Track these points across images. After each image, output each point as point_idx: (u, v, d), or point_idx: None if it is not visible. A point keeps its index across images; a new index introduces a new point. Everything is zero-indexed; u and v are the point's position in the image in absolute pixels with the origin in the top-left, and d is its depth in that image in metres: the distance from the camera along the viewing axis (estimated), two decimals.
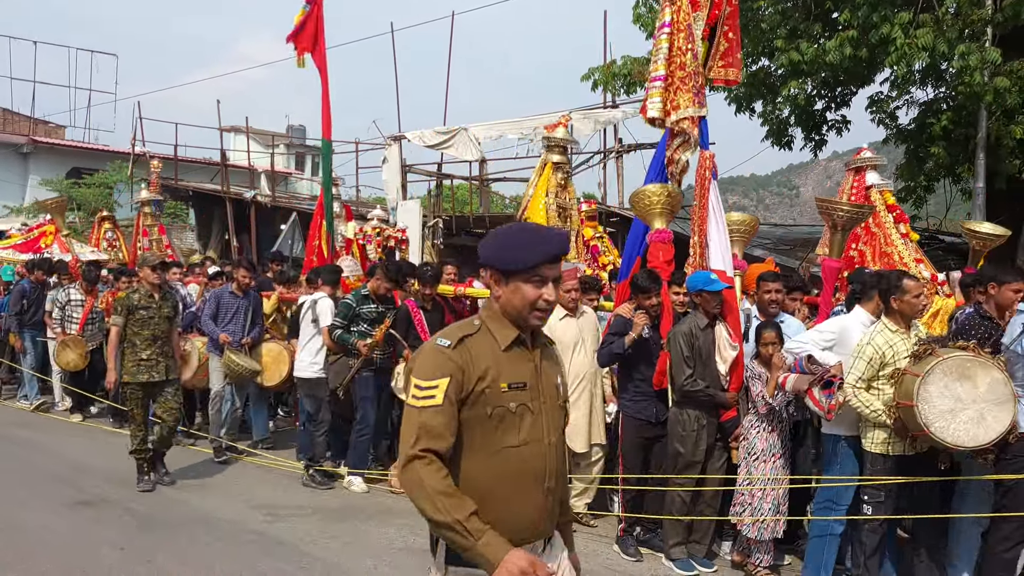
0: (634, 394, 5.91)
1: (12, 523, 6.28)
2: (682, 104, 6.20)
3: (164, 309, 7.36)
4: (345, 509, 6.84)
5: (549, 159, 7.72)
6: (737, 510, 5.46)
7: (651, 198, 6.32)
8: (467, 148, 14.47)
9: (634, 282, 5.98)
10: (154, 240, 13.50)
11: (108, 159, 26.76)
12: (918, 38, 8.98)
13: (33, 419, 10.52)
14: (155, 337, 7.24)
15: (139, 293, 7.31)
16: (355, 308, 7.53)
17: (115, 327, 7.29)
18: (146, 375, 7.17)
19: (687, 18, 6.29)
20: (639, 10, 12.09)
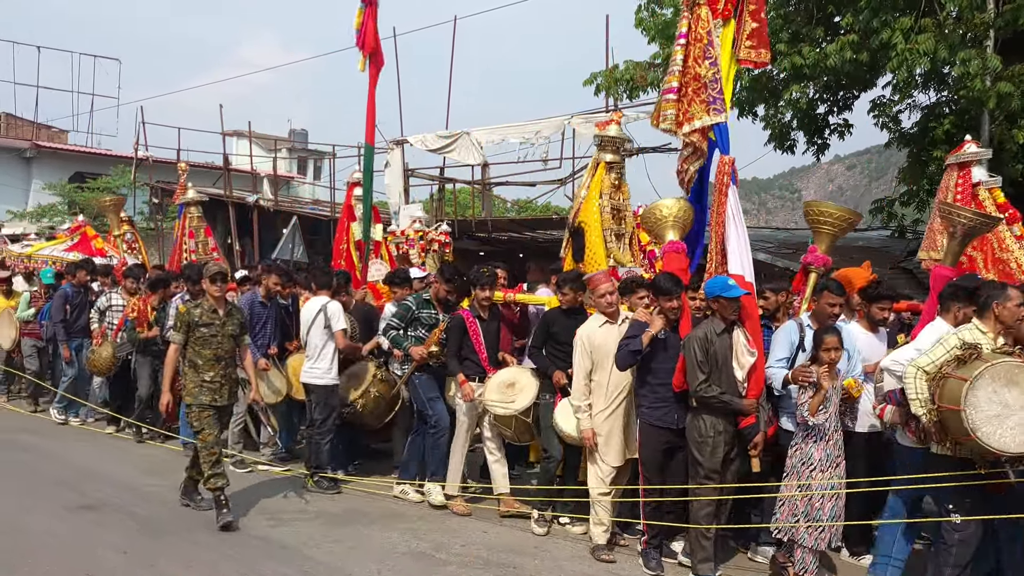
0: (653, 400, 5.75)
1: (16, 526, 6.29)
2: (695, 115, 6.16)
3: (228, 327, 6.66)
4: (348, 513, 6.84)
5: (601, 158, 7.35)
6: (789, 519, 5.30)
7: (663, 211, 6.32)
8: (469, 152, 14.46)
9: (655, 284, 5.89)
10: (200, 242, 12.80)
11: (111, 164, 26.80)
12: (919, 43, 8.98)
13: (37, 424, 10.54)
14: (218, 358, 6.57)
15: (201, 308, 6.59)
16: (414, 312, 7.31)
17: (174, 344, 6.58)
18: (210, 396, 6.54)
19: (706, 26, 6.22)
20: (641, 15, 12.11)
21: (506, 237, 16.60)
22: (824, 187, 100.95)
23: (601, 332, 6.02)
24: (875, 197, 15.14)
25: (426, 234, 11.10)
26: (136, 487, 7.52)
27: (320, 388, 7.51)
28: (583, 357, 5.99)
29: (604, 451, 5.97)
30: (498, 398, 6.70)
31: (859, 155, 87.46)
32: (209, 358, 6.55)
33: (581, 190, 7.47)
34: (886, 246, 13.26)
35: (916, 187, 11.94)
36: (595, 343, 5.97)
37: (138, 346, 9.48)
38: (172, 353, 6.61)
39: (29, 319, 11.20)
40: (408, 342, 7.24)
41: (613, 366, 5.90)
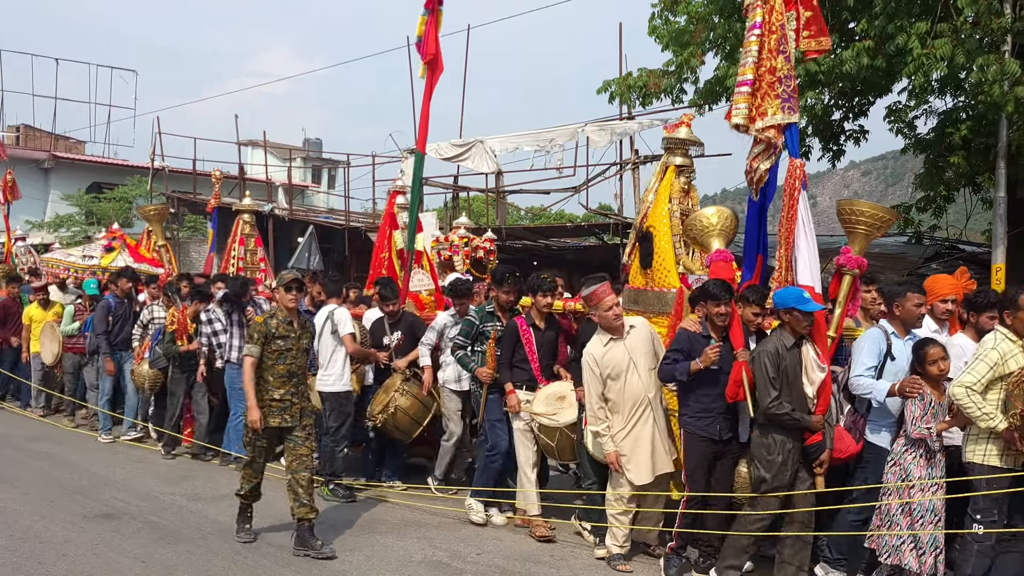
0: (697, 411, 5.55)
1: (34, 534, 6.32)
2: (769, 111, 5.90)
3: (303, 339, 6.20)
4: (364, 522, 6.83)
5: (670, 162, 7.03)
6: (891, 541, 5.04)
7: (708, 219, 6.17)
8: (483, 160, 14.52)
9: (704, 290, 5.66)
10: (249, 251, 12.43)
11: (128, 174, 27.03)
12: (936, 48, 8.93)
13: (55, 432, 10.60)
14: (291, 373, 6.07)
15: (276, 319, 6.08)
16: (479, 326, 7.02)
17: (250, 358, 6.04)
18: (277, 419, 6.02)
19: (780, 18, 5.95)
20: (655, 22, 12.09)
21: (520, 245, 16.61)
22: (839, 193, 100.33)
23: (608, 351, 5.84)
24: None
25: (471, 240, 10.91)
26: (154, 496, 7.54)
27: (332, 395, 7.50)
28: (592, 379, 5.83)
29: (628, 469, 5.77)
30: (545, 410, 6.52)
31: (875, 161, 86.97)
32: (281, 374, 6.04)
33: (648, 194, 7.18)
34: (903, 252, 13.18)
35: (933, 193, 11.86)
36: (603, 363, 5.81)
37: (175, 360, 9.07)
38: (249, 369, 6.01)
39: (73, 333, 10.82)
40: (475, 362, 6.97)
41: (627, 381, 5.78)
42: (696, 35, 11.41)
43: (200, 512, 7.05)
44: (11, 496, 7.43)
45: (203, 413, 9.05)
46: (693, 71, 11.68)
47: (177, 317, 9.02)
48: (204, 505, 7.26)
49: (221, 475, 8.40)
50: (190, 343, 8.89)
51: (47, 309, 11.44)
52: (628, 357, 5.81)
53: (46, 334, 11.16)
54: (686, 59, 11.51)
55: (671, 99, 12.13)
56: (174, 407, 9.14)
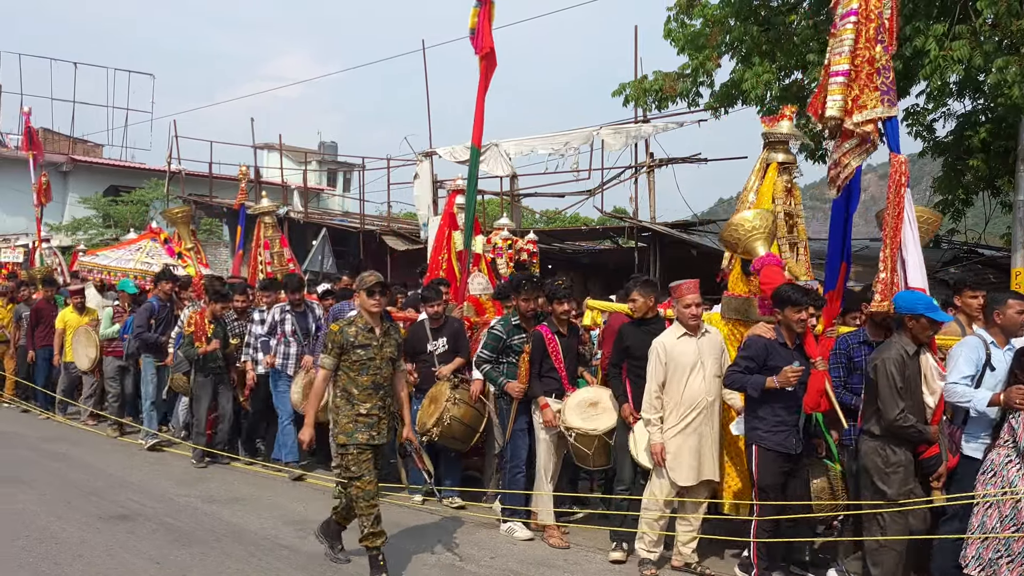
0: (773, 424, 5.30)
1: (50, 535, 6.35)
2: (868, 104, 5.58)
3: (387, 348, 5.60)
4: None
5: (772, 158, 6.60)
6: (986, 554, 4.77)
7: (752, 222, 5.94)
8: (498, 163, 14.50)
9: (782, 294, 5.38)
10: (275, 253, 12.18)
11: (145, 177, 27.20)
12: (954, 50, 8.85)
13: (71, 433, 10.67)
14: (376, 386, 5.53)
15: (355, 326, 5.54)
16: (505, 340, 6.82)
17: (324, 370, 5.55)
18: (365, 434, 5.48)
19: (878, 5, 5.62)
20: (670, 25, 12.05)
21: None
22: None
23: (679, 344, 5.72)
24: None
25: (515, 242, 10.63)
26: (169, 497, 7.58)
27: None
28: (657, 367, 5.71)
29: (671, 467, 5.66)
30: (579, 417, 6.37)
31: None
32: (366, 386, 5.50)
33: (747, 194, 6.73)
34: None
35: (951, 196, 11.77)
36: (672, 354, 5.68)
37: (196, 363, 8.90)
38: (321, 382, 5.60)
39: (113, 336, 10.45)
40: (503, 376, 6.78)
41: (689, 381, 5.65)
42: (712, 38, 11.36)
43: (214, 514, 7.06)
44: (28, 497, 7.47)
45: (225, 417, 8.95)
46: (709, 74, 11.64)
47: (195, 319, 8.89)
48: (219, 507, 7.28)
49: (236, 477, 8.43)
50: (208, 344, 8.76)
51: (83, 314, 11.17)
52: (697, 356, 5.69)
53: (80, 339, 10.81)
54: (702, 62, 11.47)
55: (687, 102, 12.08)
56: (200, 412, 8.93)
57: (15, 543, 6.14)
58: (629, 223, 14.11)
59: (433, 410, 7.15)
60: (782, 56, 10.71)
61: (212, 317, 8.94)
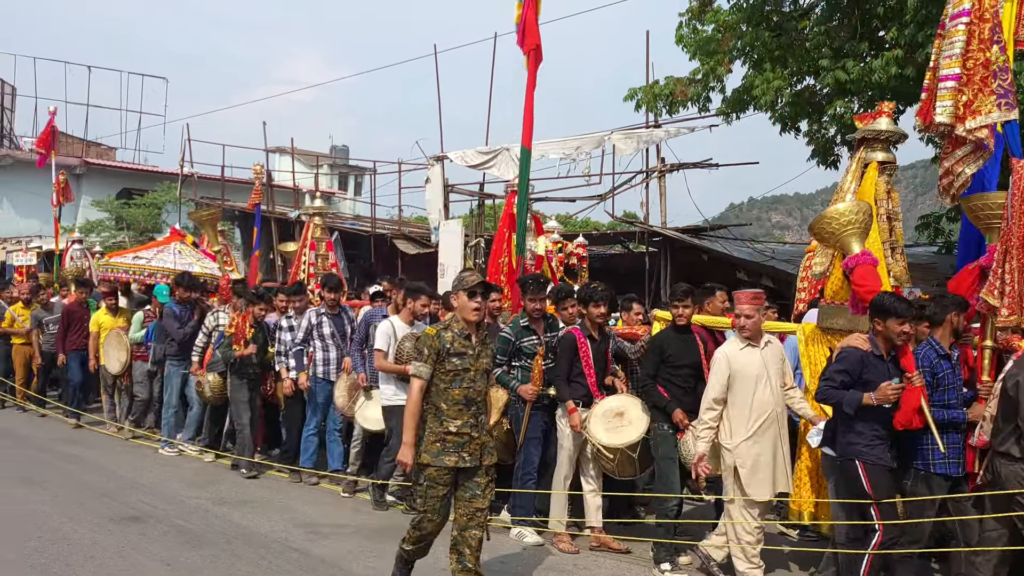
0: (871, 438, 5.03)
1: (62, 536, 6.39)
2: (983, 108, 5.30)
3: (483, 359, 5.02)
4: (387, 528, 6.84)
5: (870, 158, 6.24)
6: None
7: (847, 215, 5.64)
8: (509, 167, 14.52)
9: (882, 304, 5.10)
10: (320, 255, 11.78)
11: (157, 180, 27.34)
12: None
13: (82, 435, 10.71)
14: (468, 400, 4.91)
15: (451, 332, 4.94)
16: (514, 342, 6.68)
17: (418, 380, 4.87)
18: (454, 457, 4.84)
19: (993, 4, 5.36)
20: (682, 31, 12.07)
21: None
22: None
23: (743, 354, 5.57)
24: (921, 212, 14.88)
25: (564, 246, 10.28)
26: (180, 499, 7.61)
27: (387, 409, 7.31)
28: (722, 377, 5.53)
29: (749, 483, 5.47)
30: (604, 427, 6.25)
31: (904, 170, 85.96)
32: (457, 400, 4.88)
33: (844, 195, 6.37)
34: (933, 263, 13.00)
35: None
36: (736, 366, 5.53)
37: (233, 366, 8.72)
38: (416, 393, 4.88)
39: (142, 340, 10.36)
40: (515, 380, 6.66)
41: (758, 390, 5.49)
42: (723, 43, 11.37)
43: (225, 516, 7.09)
44: (41, 498, 7.52)
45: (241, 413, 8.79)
46: (720, 80, 11.64)
47: (236, 321, 8.74)
48: (229, 509, 7.31)
49: (246, 480, 8.45)
50: (246, 348, 8.57)
51: (116, 316, 10.96)
52: (763, 367, 5.55)
53: (111, 342, 10.65)
54: (713, 68, 11.48)
55: (698, 107, 12.09)
56: (243, 414, 8.72)
57: (28, 544, 6.18)
58: (640, 228, 14.11)
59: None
60: (794, 62, 10.70)
61: (254, 321, 8.75)
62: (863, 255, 5.61)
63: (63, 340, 11.41)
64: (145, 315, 10.47)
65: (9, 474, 8.41)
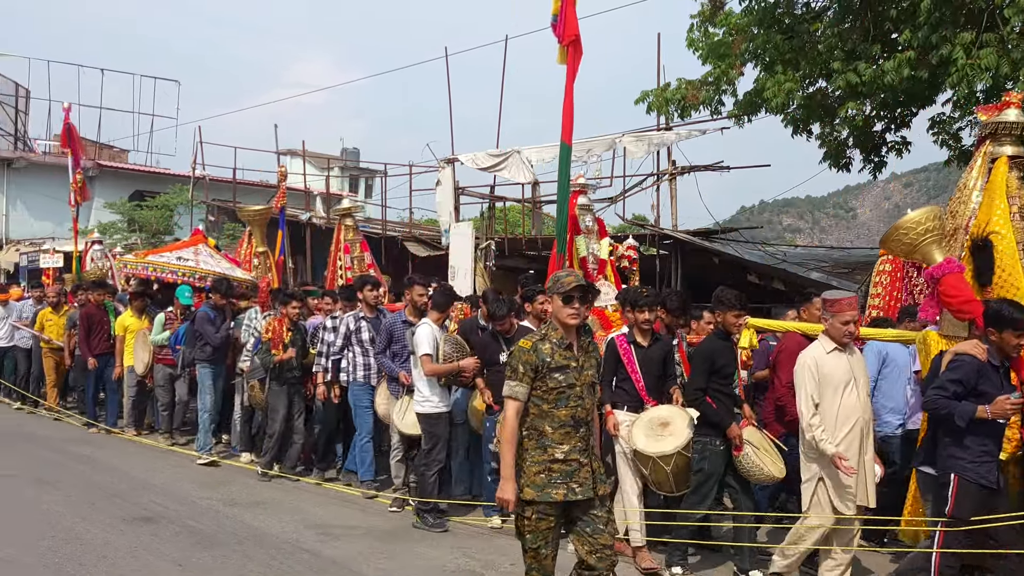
0: (978, 454, 4.74)
1: (75, 536, 6.42)
2: None
3: (588, 371, 4.28)
4: (398, 530, 6.85)
5: (998, 152, 5.76)
6: None
7: (924, 224, 5.38)
8: (520, 170, 14.54)
9: (1002, 314, 4.81)
10: (356, 258, 11.35)
11: (169, 182, 27.46)
12: (981, 59, 8.79)
13: (94, 437, 10.77)
14: (577, 422, 4.17)
15: (549, 343, 4.20)
16: None
17: (515, 402, 4.14)
18: (563, 489, 4.08)
19: None
20: (693, 34, 12.06)
21: None
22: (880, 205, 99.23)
23: (830, 359, 5.26)
24: None
25: (615, 248, 9.61)
26: (191, 500, 7.64)
27: (421, 416, 7.09)
28: (809, 383, 5.22)
29: (834, 495, 5.19)
30: (645, 433, 6.03)
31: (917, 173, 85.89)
32: (563, 422, 4.16)
33: (970, 192, 5.96)
34: None
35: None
36: (824, 371, 5.23)
37: (272, 372, 8.55)
38: (512, 417, 4.16)
39: (163, 343, 10.10)
40: None
41: (843, 399, 5.20)
42: (735, 46, 11.36)
43: (236, 517, 7.11)
44: (54, 498, 7.56)
45: (299, 433, 8.64)
46: (732, 83, 11.63)
47: (273, 326, 8.56)
48: (240, 510, 7.33)
49: (257, 481, 8.48)
50: (284, 352, 8.42)
51: (142, 317, 10.72)
52: (851, 373, 5.27)
53: (139, 342, 10.49)
54: (724, 71, 11.46)
55: (709, 110, 12.08)
56: (275, 423, 8.49)
57: (41, 543, 6.22)
58: (651, 231, 14.09)
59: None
60: (806, 64, 10.68)
61: (291, 323, 8.59)
62: (947, 263, 5.37)
63: (86, 345, 11.09)
64: (167, 317, 10.23)
65: (23, 474, 8.46)
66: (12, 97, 29.08)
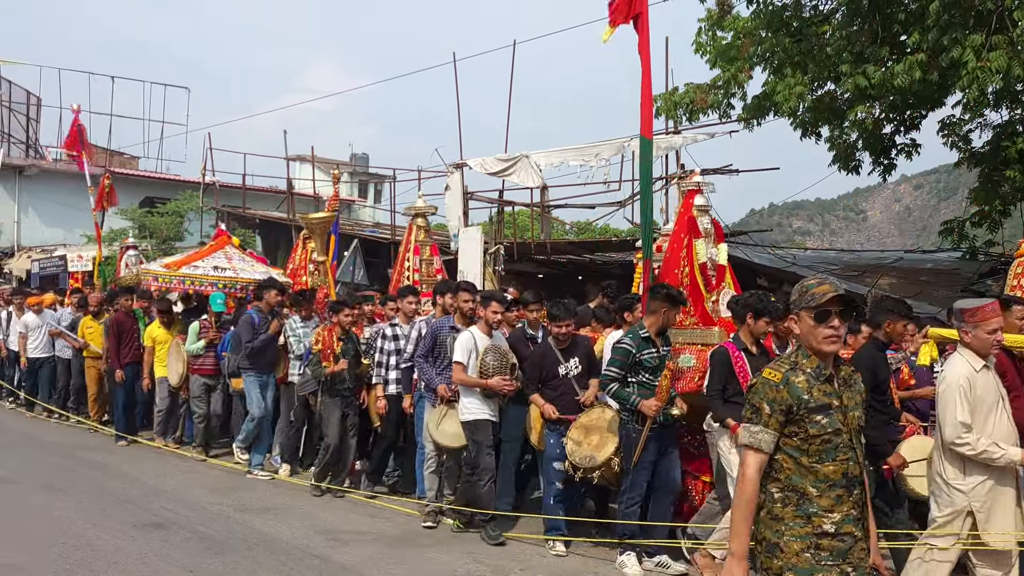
0: None
1: (86, 542, 6.44)
2: None
3: (853, 410, 3.27)
4: (407, 535, 6.85)
5: None
6: None
7: None
8: (528, 175, 14.52)
9: None
10: (425, 260, 10.66)
11: (179, 188, 27.61)
12: (991, 61, 8.75)
13: (105, 442, 10.79)
14: (850, 480, 3.18)
15: (803, 375, 3.22)
16: (635, 354, 5.97)
17: (756, 455, 3.20)
18: (835, 574, 3.11)
19: None
20: (700, 38, 12.04)
21: (564, 260, 16.59)
22: (890, 207, 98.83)
23: (980, 377, 4.71)
24: (944, 218, 14.74)
25: None
26: (201, 506, 7.65)
27: (467, 424, 6.81)
28: (962, 403, 4.64)
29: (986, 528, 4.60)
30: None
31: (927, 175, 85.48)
32: (833, 481, 3.16)
33: None
34: (956, 268, 12.89)
35: (988, 207, 11.61)
36: (977, 391, 4.69)
37: (323, 384, 8.15)
38: (753, 474, 3.20)
39: (199, 352, 9.65)
40: (635, 395, 5.92)
41: (998, 417, 4.70)
42: (743, 50, 11.34)
43: (247, 523, 7.12)
44: (65, 504, 7.59)
45: (349, 447, 8.28)
46: (740, 86, 11.60)
47: (323, 336, 8.15)
48: (251, 516, 7.34)
49: (268, 486, 8.49)
50: (336, 364, 8.03)
51: (171, 328, 10.36)
52: (997, 390, 4.80)
53: (172, 353, 10.10)
54: (733, 74, 11.44)
55: (718, 114, 12.05)
56: (328, 436, 8.09)
57: (52, 549, 6.23)
58: (660, 234, 14.05)
59: (598, 443, 6.22)
60: (814, 67, 10.65)
61: (343, 333, 8.18)
62: None
63: (117, 355, 10.61)
64: (202, 326, 9.74)
65: (34, 480, 8.50)
66: (24, 105, 29.28)
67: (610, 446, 6.11)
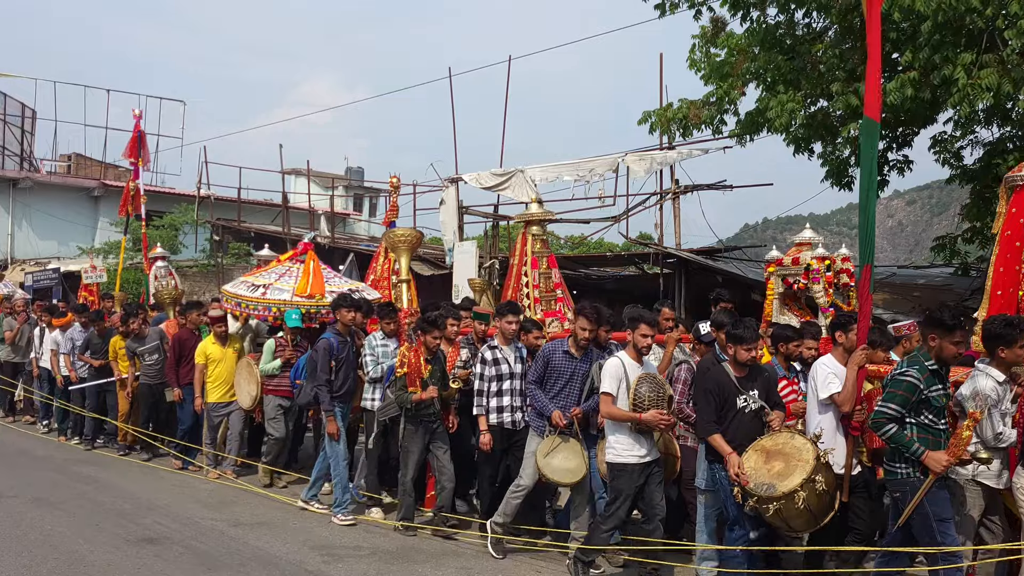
0: None
1: (79, 558, 6.41)
2: None
3: None
4: (402, 551, 6.83)
5: None
6: None
7: None
8: (523, 189, 14.59)
9: None
10: (543, 274, 9.68)
11: (175, 201, 27.61)
12: (982, 79, 8.84)
13: (98, 457, 10.75)
14: None
15: None
16: (923, 390, 4.82)
17: None
18: None
19: None
20: (695, 55, 12.13)
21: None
22: (884, 222, 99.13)
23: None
24: (936, 233, 14.84)
25: (833, 262, 7.80)
26: (195, 521, 7.62)
27: (612, 467, 6.06)
28: None
29: None
30: None
31: (919, 190, 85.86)
32: None
33: None
34: (949, 284, 12.96)
35: (980, 224, 11.68)
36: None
37: (407, 412, 7.30)
38: None
39: (275, 372, 8.84)
40: (917, 445, 4.78)
41: None
42: (737, 67, 11.42)
43: (240, 538, 7.10)
44: (57, 519, 7.56)
45: (447, 476, 7.30)
46: (734, 103, 11.68)
47: (409, 358, 7.38)
48: (244, 531, 7.32)
49: (261, 502, 8.47)
50: (424, 391, 7.22)
51: (226, 345, 9.62)
52: None
53: (242, 373, 9.31)
54: (726, 91, 11.52)
55: (712, 130, 12.13)
56: (408, 467, 7.33)
57: (45, 565, 6.21)
58: (654, 249, 14.12)
59: (781, 471, 5.22)
60: (807, 85, 10.73)
61: (429, 354, 7.39)
62: None
63: (176, 373, 9.89)
64: (277, 343, 8.96)
65: (26, 495, 8.45)
66: (19, 118, 29.28)
67: (796, 477, 5.09)
